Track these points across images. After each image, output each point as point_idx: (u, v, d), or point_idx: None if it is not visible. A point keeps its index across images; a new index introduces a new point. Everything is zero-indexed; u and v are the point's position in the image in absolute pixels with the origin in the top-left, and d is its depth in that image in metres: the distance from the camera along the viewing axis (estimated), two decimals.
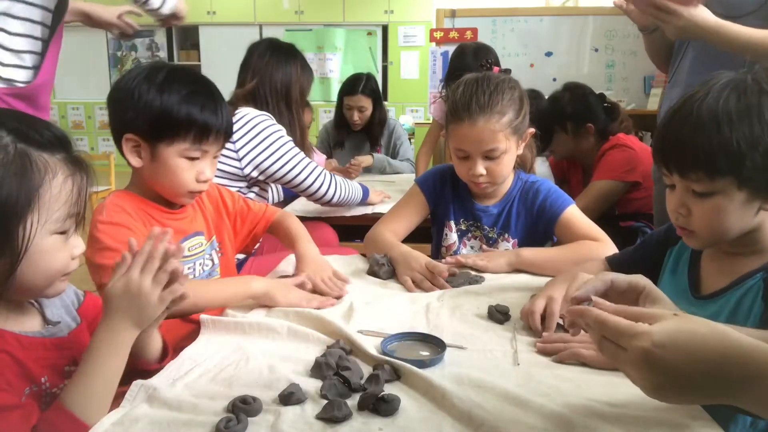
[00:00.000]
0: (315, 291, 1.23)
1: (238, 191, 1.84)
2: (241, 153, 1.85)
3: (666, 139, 0.95)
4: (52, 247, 0.79)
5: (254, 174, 1.88)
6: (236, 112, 1.88)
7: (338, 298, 1.21)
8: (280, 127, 1.91)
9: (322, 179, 1.98)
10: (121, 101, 1.18)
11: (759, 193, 0.90)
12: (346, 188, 2.07)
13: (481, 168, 1.41)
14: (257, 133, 1.86)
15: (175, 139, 1.17)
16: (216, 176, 1.78)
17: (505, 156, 1.41)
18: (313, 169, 1.95)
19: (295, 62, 2.05)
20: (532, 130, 1.48)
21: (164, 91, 1.15)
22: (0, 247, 0.74)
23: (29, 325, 0.85)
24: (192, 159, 1.20)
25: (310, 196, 2.02)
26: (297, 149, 1.93)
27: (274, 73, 2.00)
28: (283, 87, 2.01)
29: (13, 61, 1.67)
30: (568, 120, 2.42)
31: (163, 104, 1.14)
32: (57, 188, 0.77)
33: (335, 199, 2.04)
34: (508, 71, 1.52)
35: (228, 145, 1.81)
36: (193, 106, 1.16)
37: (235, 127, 1.81)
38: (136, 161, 1.20)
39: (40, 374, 0.81)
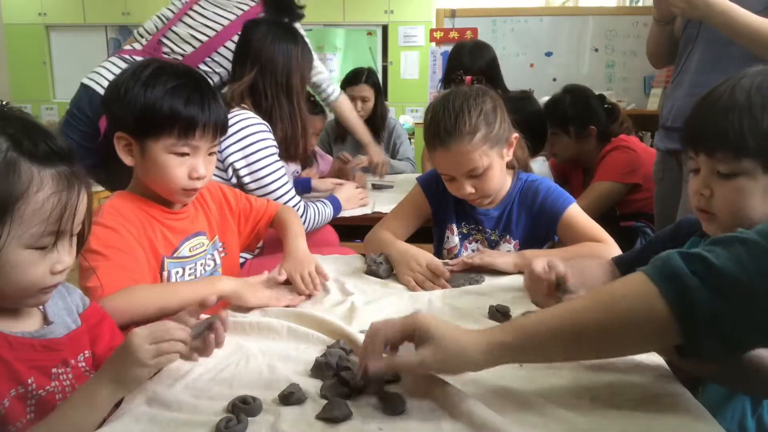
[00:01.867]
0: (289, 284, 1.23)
1: None
2: (226, 159, 1.72)
3: (697, 118, 0.96)
4: (25, 262, 0.76)
5: (234, 180, 1.75)
6: (231, 113, 1.68)
7: (309, 297, 1.21)
8: (273, 142, 1.77)
9: (297, 205, 1.79)
10: (110, 100, 1.18)
11: None
12: (317, 216, 1.86)
13: (468, 188, 1.39)
14: (247, 144, 1.72)
15: (161, 135, 1.15)
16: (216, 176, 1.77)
17: (490, 171, 1.38)
18: (292, 197, 1.80)
19: (296, 46, 1.87)
20: (516, 135, 1.44)
21: (149, 87, 1.13)
22: None
23: (23, 325, 0.83)
24: (182, 155, 1.17)
25: None
26: (282, 171, 1.78)
27: (276, 58, 1.82)
28: (284, 76, 1.84)
29: None
30: (571, 123, 2.41)
31: (146, 99, 1.13)
32: (39, 203, 0.74)
33: (305, 229, 1.72)
34: (480, 80, 1.50)
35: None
36: (177, 100, 1.14)
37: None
38: (129, 160, 1.19)
39: (28, 375, 0.80)
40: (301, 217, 1.78)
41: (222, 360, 0.94)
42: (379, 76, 7.04)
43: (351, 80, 3.21)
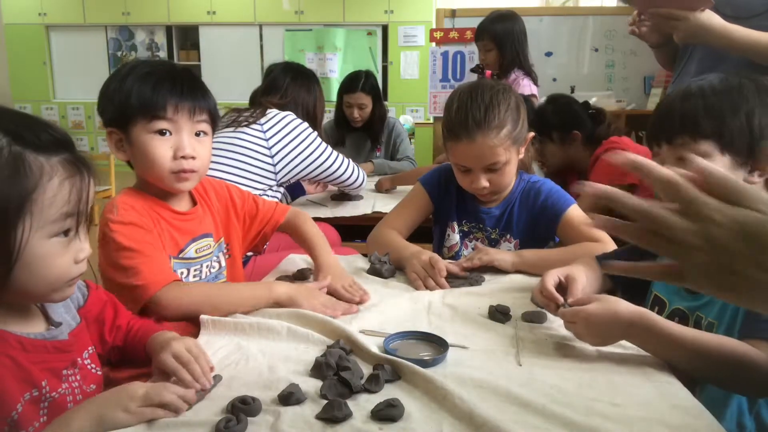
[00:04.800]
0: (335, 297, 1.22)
1: (263, 193, 1.90)
2: (277, 158, 1.93)
3: (658, 114, 1.06)
4: (51, 252, 0.76)
5: (284, 177, 1.98)
6: (268, 112, 2.00)
7: (360, 303, 1.20)
8: (309, 127, 2.05)
9: (351, 169, 2.19)
10: (99, 100, 1.22)
11: (741, 160, 0.97)
12: (362, 170, 2.30)
13: (483, 181, 1.40)
14: (293, 137, 1.97)
15: (138, 120, 1.17)
16: (242, 177, 1.85)
17: (507, 166, 1.40)
18: (342, 162, 2.15)
19: (318, 87, 2.31)
20: (531, 134, 1.47)
21: (124, 79, 1.18)
22: None
23: (32, 326, 0.83)
24: (161, 133, 1.18)
25: (342, 184, 2.22)
26: (327, 146, 2.11)
27: (306, 98, 2.23)
28: (312, 110, 2.25)
29: None
30: (554, 130, 2.42)
31: (122, 90, 1.17)
32: (53, 191, 0.75)
33: (363, 184, 2.28)
34: (499, 74, 1.51)
35: (262, 143, 1.91)
36: (145, 84, 1.17)
37: (267, 125, 1.94)
38: (120, 155, 1.21)
39: (41, 378, 0.79)
40: (358, 172, 2.22)
41: (222, 360, 0.94)
42: (379, 76, 7.07)
43: (348, 87, 3.18)
